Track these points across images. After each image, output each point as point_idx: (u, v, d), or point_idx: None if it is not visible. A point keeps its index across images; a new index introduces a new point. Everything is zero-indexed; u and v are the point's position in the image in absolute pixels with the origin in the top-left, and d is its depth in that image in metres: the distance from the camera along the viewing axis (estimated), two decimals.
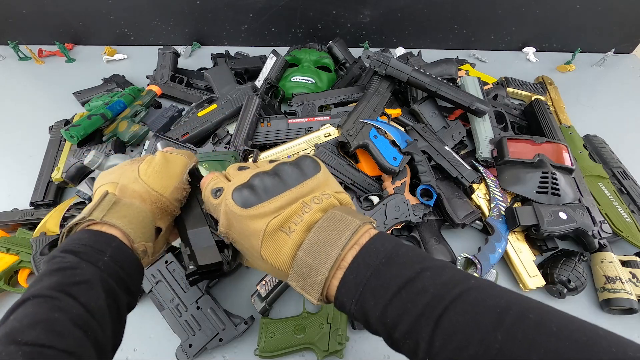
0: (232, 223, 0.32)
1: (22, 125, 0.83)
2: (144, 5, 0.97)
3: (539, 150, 0.67)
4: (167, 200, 0.36)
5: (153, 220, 0.36)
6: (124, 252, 0.32)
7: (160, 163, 0.38)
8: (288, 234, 0.30)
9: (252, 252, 0.32)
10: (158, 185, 0.36)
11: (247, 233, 0.31)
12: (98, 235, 0.32)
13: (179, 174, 0.38)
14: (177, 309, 0.52)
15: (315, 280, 0.29)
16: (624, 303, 0.55)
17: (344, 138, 0.68)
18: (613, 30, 1.04)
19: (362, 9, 0.98)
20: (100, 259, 0.30)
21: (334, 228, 0.29)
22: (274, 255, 0.30)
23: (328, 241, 0.29)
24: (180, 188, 0.38)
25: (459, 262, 0.60)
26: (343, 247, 0.29)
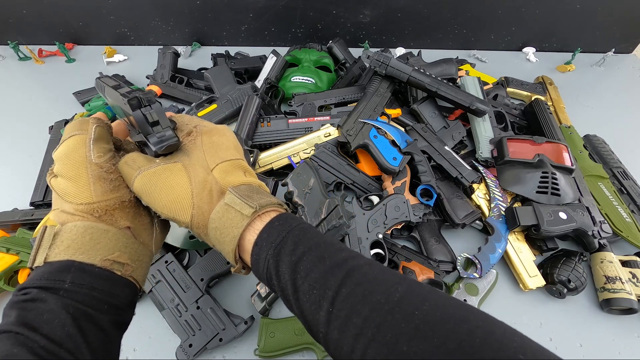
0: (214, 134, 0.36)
1: (22, 126, 0.83)
2: (144, 5, 0.97)
3: (539, 150, 0.67)
4: (100, 203, 0.31)
5: (108, 227, 0.31)
6: (90, 273, 0.29)
7: (60, 169, 0.32)
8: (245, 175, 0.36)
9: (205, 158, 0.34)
10: (75, 196, 0.31)
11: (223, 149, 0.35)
12: (52, 265, 0.29)
13: (81, 163, 0.31)
14: (177, 309, 0.52)
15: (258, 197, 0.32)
16: (624, 303, 0.55)
17: (344, 138, 0.68)
18: (613, 30, 1.04)
19: (362, 9, 0.98)
20: (61, 287, 0.28)
21: None
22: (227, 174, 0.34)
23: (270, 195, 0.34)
24: (100, 175, 0.32)
25: (459, 262, 0.60)
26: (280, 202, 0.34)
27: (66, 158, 0.32)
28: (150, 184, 0.32)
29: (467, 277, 0.58)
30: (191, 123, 0.37)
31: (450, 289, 0.59)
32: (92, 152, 0.32)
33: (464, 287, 0.58)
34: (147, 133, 0.33)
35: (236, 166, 0.35)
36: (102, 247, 0.30)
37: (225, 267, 0.56)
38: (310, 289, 0.27)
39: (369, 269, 0.28)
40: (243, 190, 0.32)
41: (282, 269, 0.29)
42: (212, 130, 0.36)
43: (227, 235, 0.31)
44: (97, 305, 0.29)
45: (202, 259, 0.56)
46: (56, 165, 0.32)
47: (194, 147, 0.35)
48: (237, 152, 0.37)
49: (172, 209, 0.32)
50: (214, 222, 0.31)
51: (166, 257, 0.56)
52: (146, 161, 0.34)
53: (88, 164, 0.31)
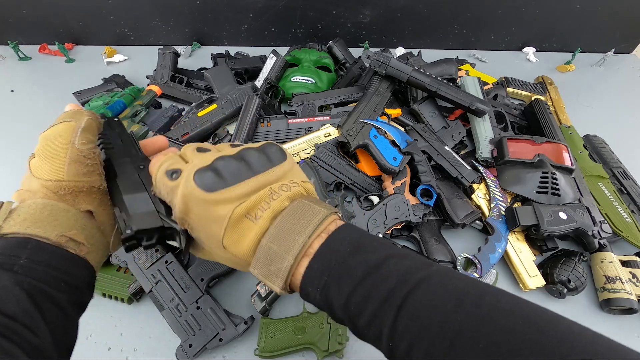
0: (190, 208, 0.29)
1: (22, 126, 0.83)
2: (144, 5, 0.97)
3: (539, 150, 0.67)
4: (70, 182, 0.31)
5: (69, 207, 0.31)
6: (47, 250, 0.29)
7: (40, 147, 0.32)
8: (254, 221, 0.29)
9: (211, 240, 0.30)
10: (48, 172, 0.31)
11: (209, 220, 0.29)
12: (10, 241, 0.28)
13: (65, 144, 0.32)
14: (177, 309, 0.52)
15: (279, 267, 0.28)
16: (624, 303, 0.55)
17: (344, 138, 0.68)
18: (613, 30, 1.04)
19: (362, 9, 0.98)
20: (16, 263, 0.27)
21: (302, 216, 0.29)
22: (236, 243, 0.29)
23: (295, 229, 0.28)
24: (78, 159, 0.32)
25: (459, 262, 0.60)
26: (310, 235, 0.28)
27: (52, 139, 0.32)
28: None
29: None
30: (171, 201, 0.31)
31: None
32: (78, 138, 0.32)
33: None
34: None
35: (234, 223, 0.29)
36: (59, 224, 0.30)
37: (225, 267, 0.56)
38: (367, 326, 0.27)
39: (422, 294, 0.25)
40: (261, 263, 0.29)
41: (335, 310, 0.28)
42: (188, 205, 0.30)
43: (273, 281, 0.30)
44: (54, 283, 0.28)
45: (202, 259, 0.56)
46: (38, 145, 0.32)
47: (197, 234, 0.31)
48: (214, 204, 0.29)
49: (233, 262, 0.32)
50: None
51: (166, 257, 0.56)
52: None
53: (70, 147, 0.32)
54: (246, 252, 0.29)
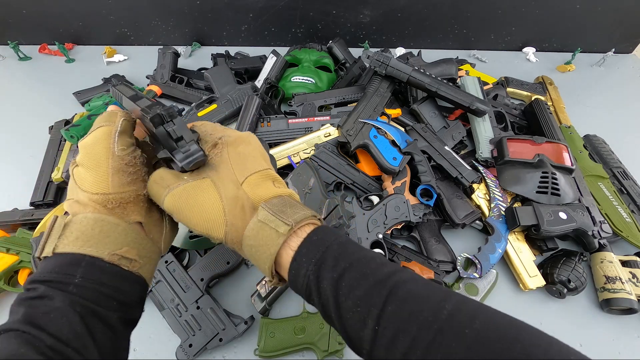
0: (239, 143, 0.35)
1: (22, 125, 0.83)
2: (144, 5, 0.97)
3: (539, 150, 0.67)
4: (116, 195, 0.31)
5: (119, 221, 0.31)
6: (100, 268, 0.29)
7: (81, 157, 0.32)
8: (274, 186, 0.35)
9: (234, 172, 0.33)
10: (92, 185, 0.31)
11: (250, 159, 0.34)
12: (65, 258, 0.29)
13: (104, 154, 0.31)
14: (177, 309, 0.52)
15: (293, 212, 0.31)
16: (624, 303, 0.55)
17: (344, 138, 0.68)
18: (613, 30, 1.04)
19: (362, 9, 0.98)
20: (71, 282, 0.28)
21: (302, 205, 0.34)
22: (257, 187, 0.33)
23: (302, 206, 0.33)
24: (120, 168, 0.32)
25: (459, 262, 0.60)
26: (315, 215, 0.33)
27: (91, 147, 0.32)
28: (181, 202, 0.32)
29: (467, 277, 0.58)
30: (215, 133, 0.36)
31: (450, 289, 0.58)
32: (117, 144, 0.32)
33: (464, 287, 0.58)
34: (171, 149, 0.33)
35: (265, 177, 0.34)
36: (110, 241, 0.30)
37: (225, 267, 0.56)
38: (354, 306, 0.27)
39: (413, 284, 0.27)
40: (276, 205, 0.31)
41: (324, 286, 0.28)
42: (237, 140, 0.35)
43: (263, 253, 0.30)
44: (105, 302, 0.29)
45: (202, 259, 0.56)
46: (80, 154, 0.32)
47: (221, 161, 0.34)
48: (265, 160, 0.36)
49: (205, 227, 0.32)
50: (248, 239, 0.31)
51: (166, 257, 0.56)
52: (174, 178, 0.33)
53: (111, 156, 0.31)
54: (262, 197, 0.32)
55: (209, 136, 0.35)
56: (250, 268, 0.61)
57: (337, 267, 0.28)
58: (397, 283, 0.27)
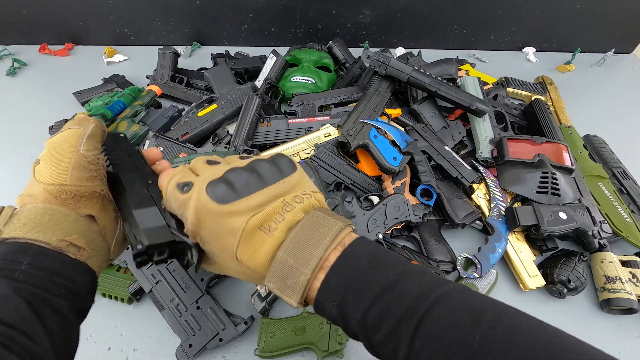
0: (203, 221, 0.29)
1: (22, 125, 0.83)
2: (144, 5, 0.97)
3: (539, 150, 0.67)
4: (72, 187, 0.31)
5: (70, 212, 0.31)
6: (49, 256, 0.29)
7: (45, 152, 0.33)
8: (268, 233, 0.29)
9: (224, 253, 0.30)
10: (50, 176, 0.31)
11: (222, 232, 0.29)
12: (12, 246, 0.28)
13: (70, 150, 0.32)
14: (177, 309, 0.52)
15: (296, 281, 0.28)
16: (624, 303, 0.55)
17: (344, 138, 0.68)
18: (613, 30, 1.04)
19: (362, 9, 0.98)
20: (17, 269, 0.27)
21: (317, 228, 0.29)
22: (250, 256, 0.29)
23: (311, 241, 0.28)
24: (82, 164, 0.32)
25: (459, 262, 0.60)
26: (326, 248, 0.28)
27: (57, 144, 0.33)
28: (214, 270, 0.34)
29: (467, 277, 0.58)
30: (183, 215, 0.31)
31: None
32: (84, 144, 0.33)
33: None
34: None
35: (248, 238, 0.29)
36: (60, 229, 0.30)
37: None
38: (383, 342, 0.27)
39: (439, 313, 0.25)
40: (277, 276, 0.28)
41: (351, 325, 0.28)
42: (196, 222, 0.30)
43: None
44: (55, 289, 0.28)
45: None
46: (44, 151, 0.33)
47: (209, 248, 0.31)
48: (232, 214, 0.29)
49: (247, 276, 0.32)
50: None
51: None
52: None
53: (75, 152, 0.32)
54: (261, 264, 0.29)
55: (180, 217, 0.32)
56: None
57: (359, 307, 0.27)
58: (424, 315, 0.25)
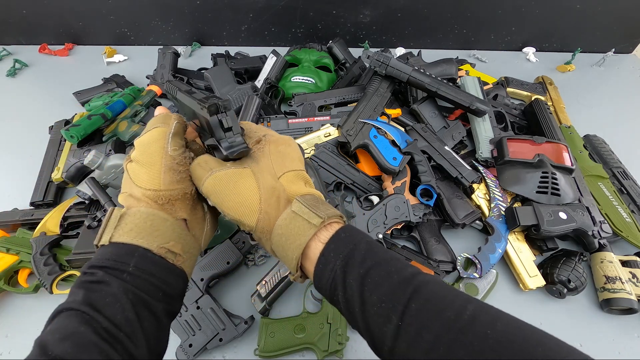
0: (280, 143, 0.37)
1: (22, 125, 0.83)
2: (144, 5, 0.97)
3: (539, 150, 0.67)
4: (166, 192, 0.33)
5: (168, 216, 0.33)
6: (150, 260, 0.31)
7: (137, 154, 0.35)
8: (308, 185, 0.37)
9: (273, 167, 0.35)
10: (146, 181, 0.33)
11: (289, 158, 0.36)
12: (120, 247, 0.31)
13: (159, 152, 0.34)
14: None
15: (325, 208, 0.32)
16: (624, 303, 0.55)
17: (344, 138, 0.68)
18: (613, 30, 1.04)
19: (362, 9, 0.98)
20: (125, 270, 0.30)
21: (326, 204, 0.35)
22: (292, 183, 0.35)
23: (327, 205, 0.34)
24: (172, 167, 0.34)
25: (459, 262, 0.60)
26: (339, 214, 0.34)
27: (147, 146, 0.34)
28: (221, 185, 0.34)
29: (467, 277, 0.58)
30: (259, 132, 0.38)
31: None
32: (170, 144, 0.35)
33: (464, 287, 0.58)
34: (219, 138, 0.35)
35: (300, 177, 0.36)
36: (159, 235, 0.32)
37: (225, 267, 0.56)
38: (378, 302, 0.28)
39: (436, 286, 0.28)
40: (309, 200, 0.33)
41: (349, 281, 0.29)
42: (278, 140, 0.38)
43: (293, 243, 0.32)
44: (153, 292, 0.31)
45: (202, 259, 0.56)
46: (135, 151, 0.35)
47: (262, 155, 0.36)
48: (301, 163, 0.38)
49: (240, 212, 0.33)
50: (280, 228, 0.33)
51: None
52: (217, 164, 0.35)
53: (164, 155, 0.34)
54: (295, 192, 0.34)
55: (253, 133, 0.38)
56: (250, 268, 0.61)
57: (364, 263, 0.29)
58: (421, 283, 0.28)
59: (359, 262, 0.29)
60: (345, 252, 0.30)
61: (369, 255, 0.30)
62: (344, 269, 0.30)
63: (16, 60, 0.96)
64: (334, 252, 0.30)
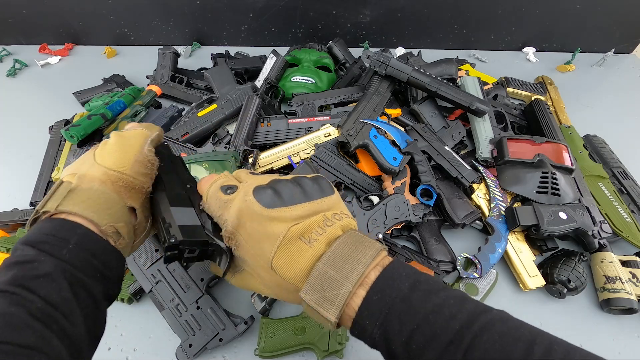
0: (244, 223, 0.30)
1: (22, 125, 0.83)
2: (144, 5, 0.97)
3: (539, 150, 0.67)
4: (130, 177, 0.34)
5: (120, 200, 0.33)
6: (93, 239, 0.30)
7: (114, 142, 0.35)
8: (308, 244, 0.29)
9: (258, 261, 0.30)
10: (114, 163, 0.34)
11: (262, 236, 0.29)
12: (61, 223, 0.30)
13: (137, 146, 0.35)
14: (177, 309, 0.52)
15: (336, 293, 0.27)
16: (624, 303, 0.55)
17: (344, 138, 0.68)
18: (613, 30, 1.04)
19: (362, 9, 0.98)
20: (64, 247, 0.28)
21: (358, 245, 0.29)
22: (287, 264, 0.29)
23: (353, 256, 0.28)
24: (143, 161, 0.35)
25: (459, 262, 0.60)
26: (368, 264, 0.28)
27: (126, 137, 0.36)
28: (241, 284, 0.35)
29: (467, 277, 0.58)
30: (220, 215, 0.33)
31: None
32: (147, 145, 0.36)
33: (464, 287, 0.58)
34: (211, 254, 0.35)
35: (289, 243, 0.30)
36: (110, 214, 0.32)
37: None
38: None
39: (488, 337, 0.25)
40: (315, 287, 0.28)
41: (394, 348, 0.27)
42: (240, 217, 0.31)
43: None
44: (92, 273, 0.30)
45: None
46: (112, 138, 0.36)
47: (243, 251, 0.32)
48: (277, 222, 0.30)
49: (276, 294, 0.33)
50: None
51: None
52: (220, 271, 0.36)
53: (140, 150, 0.35)
54: (297, 275, 0.29)
55: (217, 218, 0.33)
56: None
57: (403, 329, 0.26)
58: (472, 341, 0.25)
59: (397, 329, 0.26)
60: (380, 320, 0.27)
61: (407, 317, 0.27)
62: (384, 336, 0.27)
63: (16, 60, 0.96)
64: (368, 320, 0.27)
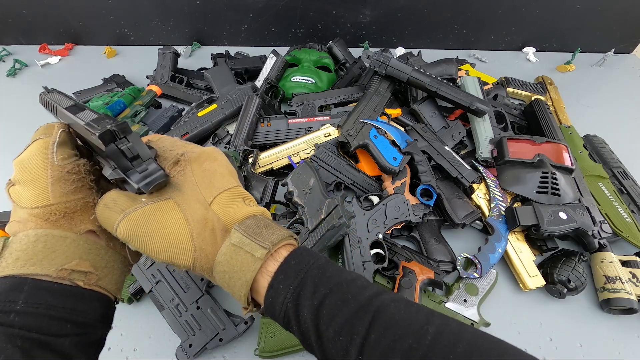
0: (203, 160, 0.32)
1: (22, 126, 0.83)
2: (144, 5, 0.97)
3: (539, 150, 0.67)
4: (58, 205, 0.28)
5: (66, 234, 0.28)
6: (47, 290, 0.26)
7: (17, 173, 0.29)
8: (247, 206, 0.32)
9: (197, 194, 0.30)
10: (30, 199, 0.28)
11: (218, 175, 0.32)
12: (6, 282, 0.26)
13: (42, 165, 0.29)
14: (177, 309, 0.52)
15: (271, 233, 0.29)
16: (624, 303, 0.55)
17: (344, 138, 0.68)
18: (613, 30, 1.04)
19: (362, 9, 0.98)
20: (12, 310, 0.24)
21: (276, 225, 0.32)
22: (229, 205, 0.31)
23: (278, 227, 0.31)
24: (61, 176, 0.29)
25: (459, 262, 0.60)
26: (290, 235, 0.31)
27: (27, 162, 0.29)
28: (139, 227, 0.28)
29: (467, 277, 0.58)
30: (175, 149, 0.32)
31: (450, 289, 0.59)
32: (55, 154, 0.29)
33: (464, 287, 0.58)
34: (126, 169, 0.28)
35: (235, 195, 0.31)
36: (58, 256, 0.27)
37: None
38: (335, 335, 0.26)
39: (395, 308, 0.26)
40: (250, 226, 0.29)
41: (303, 314, 0.27)
42: (201, 155, 0.32)
43: (238, 280, 0.28)
44: (56, 328, 0.26)
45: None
46: (15, 171, 0.29)
47: (185, 180, 0.30)
48: (233, 177, 0.33)
49: (170, 254, 0.28)
50: (221, 265, 0.28)
51: None
52: (130, 201, 0.29)
53: (49, 166, 0.29)
54: (234, 216, 0.30)
55: (168, 152, 0.32)
56: None
57: (317, 293, 0.27)
58: (380, 308, 0.26)
59: (311, 292, 0.27)
60: (295, 283, 0.27)
61: (322, 282, 0.27)
62: (296, 301, 0.27)
63: (16, 60, 0.96)
64: (283, 283, 0.27)
